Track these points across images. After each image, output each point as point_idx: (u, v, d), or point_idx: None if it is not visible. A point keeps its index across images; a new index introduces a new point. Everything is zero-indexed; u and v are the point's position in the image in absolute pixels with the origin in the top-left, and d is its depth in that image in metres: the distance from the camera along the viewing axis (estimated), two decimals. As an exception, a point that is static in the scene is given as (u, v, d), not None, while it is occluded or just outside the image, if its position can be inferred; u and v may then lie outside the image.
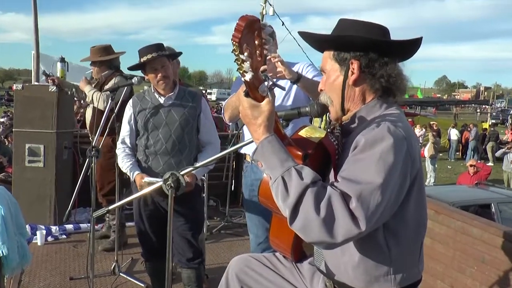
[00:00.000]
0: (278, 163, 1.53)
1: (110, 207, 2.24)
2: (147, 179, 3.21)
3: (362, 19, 1.79)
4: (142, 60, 3.25)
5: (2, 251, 2.94)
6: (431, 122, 21.30)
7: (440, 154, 19.80)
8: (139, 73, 3.60)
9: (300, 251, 2.03)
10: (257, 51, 1.48)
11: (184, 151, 3.34)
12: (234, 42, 1.39)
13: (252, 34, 1.46)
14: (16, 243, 3.16)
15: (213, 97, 60.80)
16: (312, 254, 1.98)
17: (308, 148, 1.75)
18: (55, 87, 5.29)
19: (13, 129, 5.70)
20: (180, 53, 3.68)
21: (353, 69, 1.71)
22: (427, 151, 15.84)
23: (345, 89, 1.75)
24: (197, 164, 2.03)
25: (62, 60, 5.47)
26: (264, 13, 9.16)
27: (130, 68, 3.44)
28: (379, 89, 1.72)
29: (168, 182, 2.02)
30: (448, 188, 11.63)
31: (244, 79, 1.49)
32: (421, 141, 20.47)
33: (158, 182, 2.12)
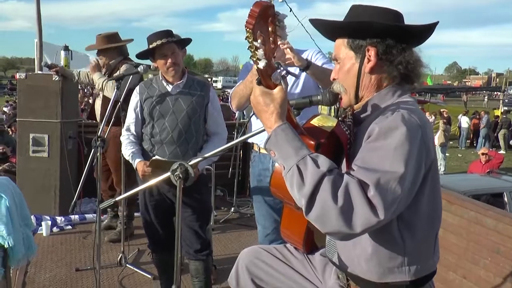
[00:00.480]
0: (292, 151, 1.50)
1: (117, 198, 2.23)
2: (157, 157, 3.20)
3: (374, 4, 1.76)
4: (151, 46, 3.22)
5: (8, 242, 2.95)
6: (442, 110, 21.19)
7: (451, 142, 19.72)
8: (147, 62, 3.58)
9: (311, 243, 2.02)
10: (271, 38, 1.46)
11: (191, 141, 3.33)
12: (247, 29, 1.36)
13: (266, 21, 1.44)
14: (22, 234, 3.17)
15: (219, 85, 60.71)
16: (324, 245, 1.96)
17: (320, 137, 1.73)
18: (58, 76, 5.28)
19: (16, 119, 5.71)
20: (190, 40, 3.65)
21: (370, 56, 1.68)
22: (437, 139, 15.78)
23: (360, 77, 1.73)
24: (206, 155, 2.00)
25: (66, 48, 5.45)
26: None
27: (139, 55, 3.41)
28: (397, 76, 1.70)
29: (176, 173, 2.00)
30: (459, 176, 11.59)
31: (258, 67, 1.46)
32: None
33: (166, 171, 2.09)
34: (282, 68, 1.56)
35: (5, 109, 21.02)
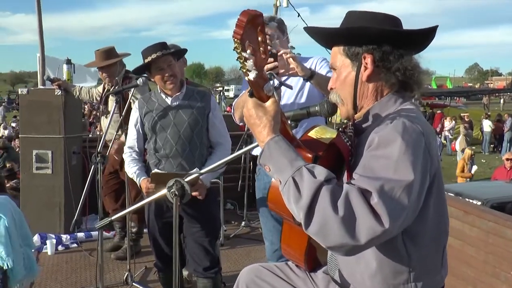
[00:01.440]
0: (287, 163, 1.49)
1: (114, 217, 2.23)
2: (156, 170, 3.21)
3: (371, 10, 1.75)
4: (146, 60, 3.25)
5: (7, 264, 2.97)
6: (462, 114, 20.97)
7: (473, 147, 19.48)
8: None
9: (313, 260, 2.00)
10: (261, 48, 1.45)
11: (196, 152, 3.34)
12: (235, 39, 1.36)
13: (255, 30, 1.43)
14: (22, 254, 3.20)
15: (231, 94, 60.84)
16: (327, 262, 1.94)
17: (318, 150, 1.71)
18: (60, 91, 5.34)
19: (19, 135, 5.78)
20: (185, 50, 3.67)
21: (366, 63, 1.67)
22: (459, 144, 15.66)
23: (357, 86, 1.71)
24: (202, 170, 1.99)
25: (68, 62, 5.53)
26: (278, 4, 9.07)
27: (135, 71, 3.44)
28: (395, 83, 1.68)
29: (172, 190, 2.00)
30: (482, 184, 11.44)
31: (248, 79, 1.46)
32: (451, 134, 20.21)
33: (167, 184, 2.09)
34: (274, 79, 1.56)
35: (13, 124, 21.31)
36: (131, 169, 3.37)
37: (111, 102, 4.81)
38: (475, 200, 7.51)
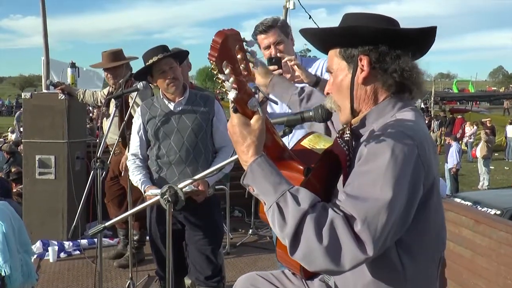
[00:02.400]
0: (270, 188, 1.51)
1: (107, 224, 2.26)
2: (151, 191, 3.22)
3: (368, 12, 1.77)
4: (147, 63, 3.29)
5: (4, 270, 3.03)
6: (483, 119, 20.75)
7: (496, 154, 19.30)
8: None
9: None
10: (241, 65, 1.46)
11: (200, 159, 3.37)
12: (211, 61, 1.38)
13: (232, 49, 1.44)
14: (20, 261, 3.25)
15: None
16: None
17: (311, 160, 1.72)
18: (64, 95, 5.42)
19: (22, 140, 5.87)
20: (187, 53, 3.71)
21: (362, 65, 1.67)
22: (479, 151, 15.50)
23: (353, 89, 1.72)
24: (196, 177, 2.02)
25: (73, 65, 5.60)
26: (287, 6, 9.07)
27: (136, 75, 3.48)
28: (392, 85, 1.68)
29: (165, 196, 2.03)
30: (503, 192, 11.33)
31: (229, 98, 1.48)
32: (472, 140, 20.02)
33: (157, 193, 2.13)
34: (259, 93, 1.57)
35: (21, 129, 21.57)
36: (135, 176, 3.39)
37: (112, 105, 4.87)
38: (494, 209, 7.44)
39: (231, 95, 1.44)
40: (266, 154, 1.60)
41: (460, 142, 17.21)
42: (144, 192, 3.32)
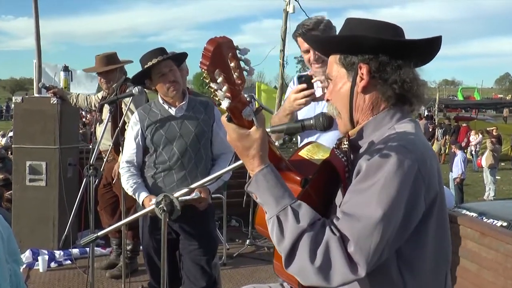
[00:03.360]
0: (273, 200, 1.54)
1: (100, 233, 2.26)
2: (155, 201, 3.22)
3: (371, 18, 1.77)
4: (146, 65, 3.29)
5: (-9, 281, 3.00)
6: (489, 128, 20.76)
7: (502, 164, 19.31)
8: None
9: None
10: (235, 74, 1.46)
11: (200, 165, 3.39)
12: (203, 70, 1.39)
13: (225, 57, 1.43)
14: (9, 271, 3.23)
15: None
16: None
17: (308, 171, 1.73)
18: (56, 99, 5.41)
19: (12, 145, 5.86)
20: (185, 55, 3.72)
21: (362, 74, 1.67)
22: (485, 160, 15.51)
23: (353, 98, 1.72)
24: (192, 186, 2.02)
25: (66, 69, 5.61)
26: (287, 10, 9.08)
27: (134, 79, 3.48)
28: (392, 96, 1.68)
29: (160, 205, 2.03)
30: (511, 203, 11.28)
31: (223, 107, 1.48)
32: (478, 149, 20.04)
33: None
34: (254, 102, 1.56)
35: (11, 133, 21.52)
36: (129, 185, 3.38)
37: (105, 110, 4.88)
38: (501, 220, 7.42)
39: (224, 104, 1.45)
40: None
41: (465, 151, 17.22)
42: (141, 202, 3.31)
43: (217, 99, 1.44)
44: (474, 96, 45.69)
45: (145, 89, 3.63)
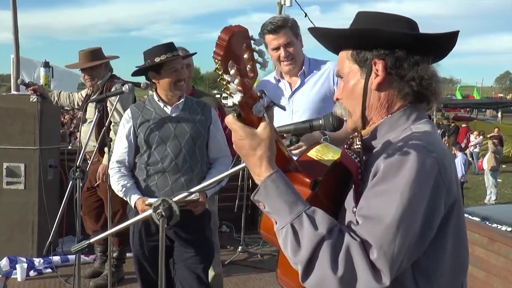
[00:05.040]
0: (285, 207, 1.49)
1: (93, 240, 2.24)
2: (150, 200, 3.18)
3: (384, 11, 1.76)
4: (158, 59, 3.28)
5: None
6: (489, 135, 20.87)
7: (504, 166, 19.44)
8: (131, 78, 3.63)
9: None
10: (248, 66, 1.45)
11: (196, 168, 3.38)
12: (216, 60, 1.37)
13: (239, 48, 1.43)
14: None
15: (229, 102, 61.07)
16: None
17: (318, 173, 1.71)
18: (36, 97, 5.37)
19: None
20: (194, 53, 3.75)
21: (377, 70, 1.66)
22: (486, 162, 15.59)
23: (366, 95, 1.70)
24: (192, 189, 2.01)
25: (46, 65, 5.56)
26: (282, 3, 9.11)
27: (138, 71, 3.45)
28: (409, 94, 1.67)
29: (158, 211, 2.02)
30: (513, 207, 11.37)
31: (233, 102, 1.46)
32: (478, 150, 20.18)
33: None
34: (266, 97, 1.55)
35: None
36: (119, 186, 3.35)
37: (90, 109, 4.85)
38: (505, 225, 7.47)
39: (236, 98, 1.42)
40: None
41: (465, 152, 17.33)
42: (134, 204, 3.28)
43: (228, 92, 1.42)
44: (474, 95, 46.10)
45: (135, 86, 3.62)
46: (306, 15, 7.41)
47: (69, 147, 9.36)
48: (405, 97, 1.68)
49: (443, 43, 1.72)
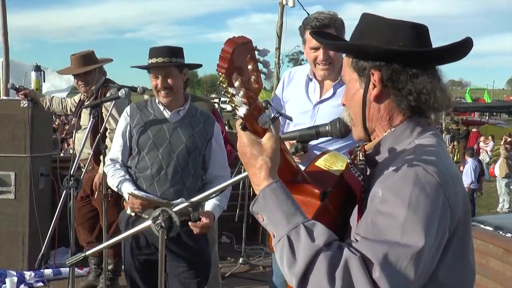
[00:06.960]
0: (283, 218, 1.49)
1: (88, 252, 2.24)
2: (138, 192, 3.19)
3: (389, 15, 1.74)
4: (148, 62, 3.29)
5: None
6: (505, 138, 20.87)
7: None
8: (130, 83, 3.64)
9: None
10: (252, 77, 1.46)
11: (187, 181, 3.35)
12: (220, 73, 1.38)
13: (243, 59, 1.44)
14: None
15: (228, 107, 61.18)
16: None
17: (327, 183, 1.71)
18: (27, 102, 5.36)
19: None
20: (199, 66, 3.71)
21: (375, 81, 1.65)
22: (498, 169, 15.57)
23: (365, 106, 1.70)
24: (193, 199, 2.01)
25: (37, 68, 5.56)
26: (284, 3, 9.12)
27: (137, 66, 3.46)
28: (407, 108, 1.66)
29: (158, 221, 2.01)
30: (527, 216, 11.35)
31: (238, 115, 1.47)
32: (490, 156, 20.15)
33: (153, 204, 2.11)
34: (271, 109, 1.55)
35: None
36: (115, 179, 3.36)
37: (85, 115, 4.85)
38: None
39: (242, 111, 1.43)
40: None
41: (474, 158, 17.30)
42: (127, 198, 3.27)
43: (233, 105, 1.43)
44: (484, 98, 46.08)
45: (131, 91, 3.62)
46: (308, 15, 7.40)
47: (61, 155, 9.37)
48: (404, 110, 1.67)
49: (448, 55, 1.70)
